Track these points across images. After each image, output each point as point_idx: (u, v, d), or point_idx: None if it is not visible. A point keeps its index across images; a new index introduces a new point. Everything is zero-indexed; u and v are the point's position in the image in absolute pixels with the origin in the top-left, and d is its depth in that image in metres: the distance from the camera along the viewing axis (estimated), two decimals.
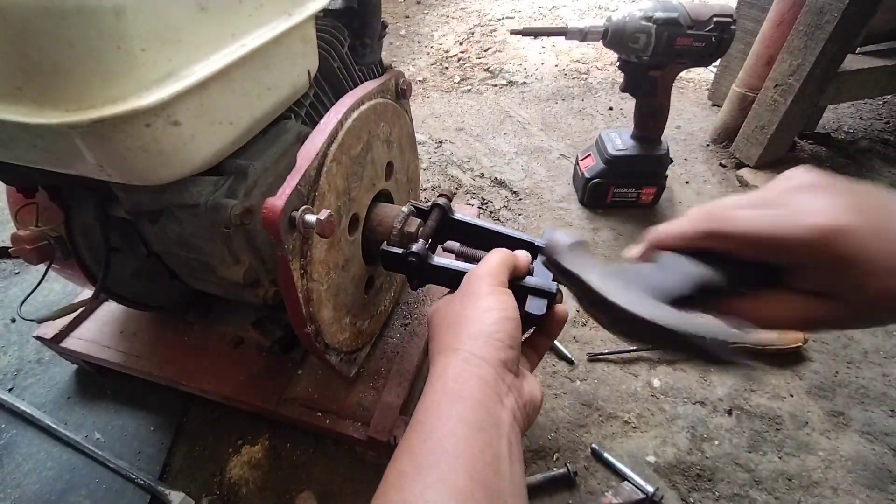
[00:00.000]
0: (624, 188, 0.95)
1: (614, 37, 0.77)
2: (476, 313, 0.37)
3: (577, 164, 1.01)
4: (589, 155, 0.99)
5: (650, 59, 0.78)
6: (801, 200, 0.26)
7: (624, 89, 0.87)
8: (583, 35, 0.79)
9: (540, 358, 0.44)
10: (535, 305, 0.43)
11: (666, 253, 0.31)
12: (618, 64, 0.85)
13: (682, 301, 0.28)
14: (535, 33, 0.82)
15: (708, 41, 0.75)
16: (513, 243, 0.50)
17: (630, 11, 0.76)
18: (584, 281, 0.30)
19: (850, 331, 0.75)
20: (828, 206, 0.25)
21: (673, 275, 0.30)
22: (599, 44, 0.80)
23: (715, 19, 0.74)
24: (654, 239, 0.32)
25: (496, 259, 0.41)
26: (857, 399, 0.67)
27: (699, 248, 0.29)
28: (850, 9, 0.84)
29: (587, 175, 0.96)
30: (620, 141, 0.93)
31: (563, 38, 0.81)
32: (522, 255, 0.43)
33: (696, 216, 0.29)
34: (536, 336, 0.45)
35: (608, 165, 0.93)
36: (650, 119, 0.90)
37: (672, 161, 0.96)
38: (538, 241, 0.49)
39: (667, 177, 0.95)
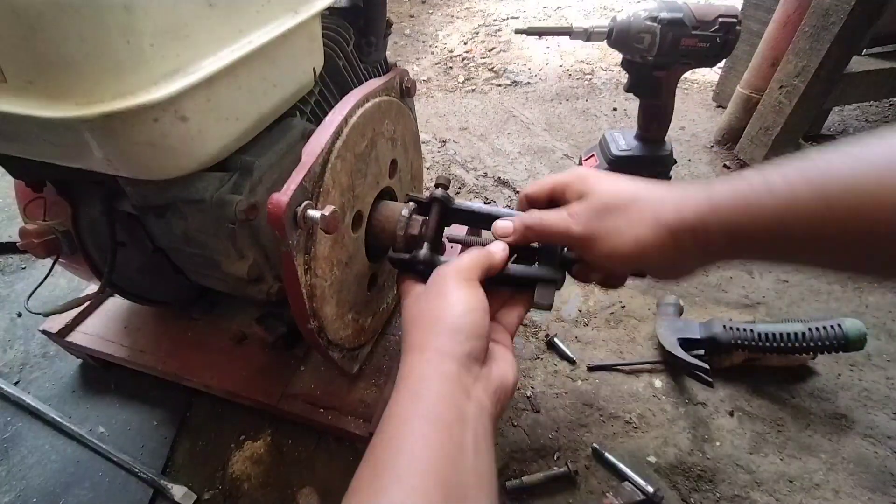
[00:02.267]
0: None
1: (619, 37, 0.77)
2: (440, 310, 0.38)
3: (580, 164, 1.01)
4: (592, 155, 0.99)
5: (655, 60, 0.78)
6: (575, 204, 0.40)
7: (628, 90, 0.87)
8: (587, 35, 0.79)
9: (513, 334, 0.45)
10: (542, 295, 0.43)
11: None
12: (622, 64, 0.85)
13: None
14: (540, 33, 0.82)
15: (713, 42, 0.75)
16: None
17: (635, 12, 0.76)
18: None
19: None
20: (586, 208, 0.39)
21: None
22: (604, 44, 0.80)
23: (720, 20, 0.74)
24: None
25: (466, 258, 0.41)
26: (860, 402, 0.67)
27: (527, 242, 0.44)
28: (856, 10, 0.83)
29: None
30: (624, 141, 0.93)
31: (567, 38, 0.81)
32: (497, 251, 0.43)
33: (518, 224, 0.43)
34: (505, 311, 0.45)
35: (611, 166, 0.93)
36: (654, 120, 0.89)
37: (676, 162, 0.96)
38: None
39: (671, 178, 0.95)
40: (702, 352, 0.69)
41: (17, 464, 0.63)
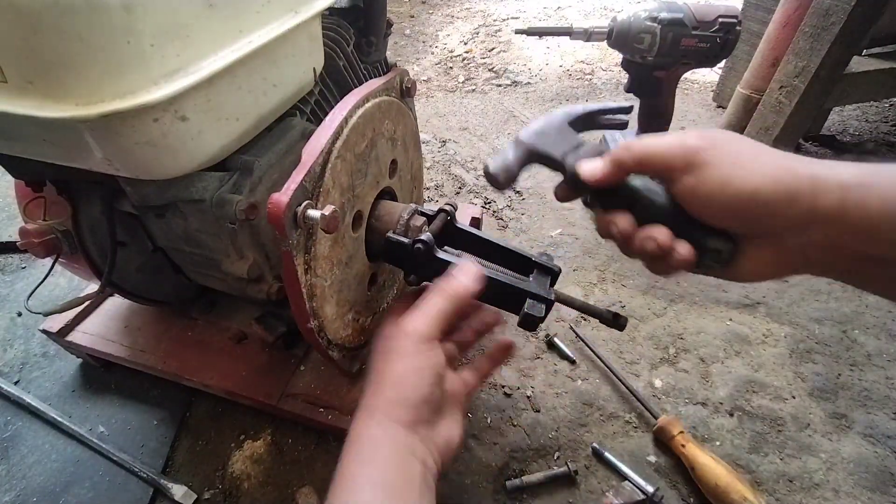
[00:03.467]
0: None
1: (619, 37, 0.77)
2: (394, 376, 0.39)
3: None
4: None
5: (655, 60, 0.78)
6: (682, 135, 0.33)
7: (628, 90, 0.87)
8: (587, 35, 0.79)
9: (479, 382, 0.47)
10: (534, 306, 0.43)
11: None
12: (622, 64, 0.85)
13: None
14: (540, 33, 0.82)
15: (713, 42, 0.75)
16: (510, 257, 0.50)
17: (635, 12, 0.76)
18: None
19: (853, 334, 0.75)
20: (692, 136, 0.33)
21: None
22: (604, 44, 0.80)
23: (720, 20, 0.74)
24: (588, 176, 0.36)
25: (433, 307, 0.41)
26: (860, 402, 0.67)
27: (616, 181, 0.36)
28: (856, 10, 0.83)
29: None
30: (624, 142, 0.93)
31: (567, 38, 0.81)
32: (462, 287, 0.42)
33: (609, 154, 0.36)
34: (481, 359, 0.48)
35: None
36: (654, 120, 0.89)
37: None
38: (535, 257, 0.49)
39: None
40: None
41: (17, 463, 0.63)
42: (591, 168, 0.36)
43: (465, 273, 0.42)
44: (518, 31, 0.82)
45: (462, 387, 0.44)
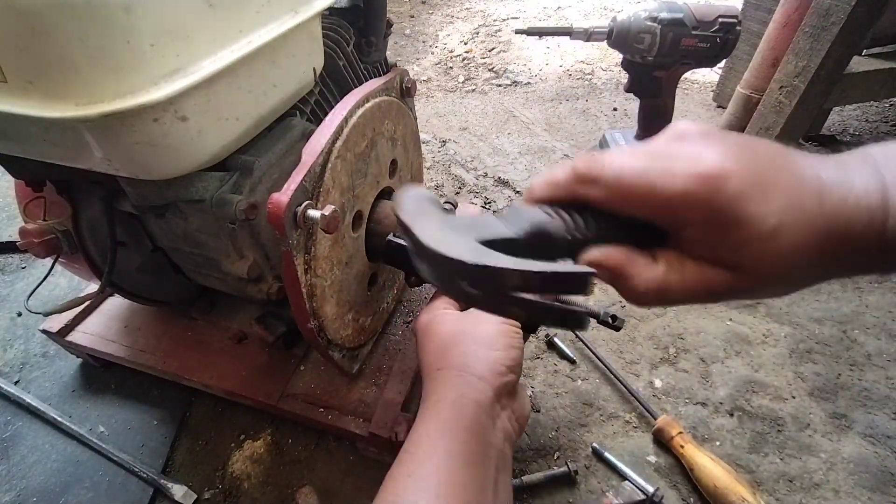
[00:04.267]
0: None
1: (619, 37, 0.77)
2: (484, 337, 0.38)
3: None
4: None
5: (655, 60, 0.78)
6: (686, 148, 0.23)
7: (628, 90, 0.87)
8: (587, 35, 0.79)
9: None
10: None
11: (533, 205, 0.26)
12: (622, 64, 0.85)
13: (508, 245, 0.24)
14: (540, 33, 0.82)
15: (713, 42, 0.75)
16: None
17: (635, 12, 0.76)
18: (409, 228, 0.26)
19: (853, 334, 0.75)
20: (712, 153, 0.21)
21: (511, 221, 0.25)
22: (604, 44, 0.80)
23: (720, 20, 0.74)
24: (530, 193, 0.27)
25: None
26: (860, 402, 0.67)
27: (576, 199, 0.25)
28: (856, 10, 0.83)
29: None
30: (624, 141, 0.93)
31: (567, 38, 0.81)
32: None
33: (573, 162, 0.25)
34: None
35: None
36: (654, 120, 0.90)
37: None
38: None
39: None
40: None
41: (17, 463, 0.63)
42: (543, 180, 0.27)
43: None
44: (518, 32, 0.82)
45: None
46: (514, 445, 0.37)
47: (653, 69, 0.81)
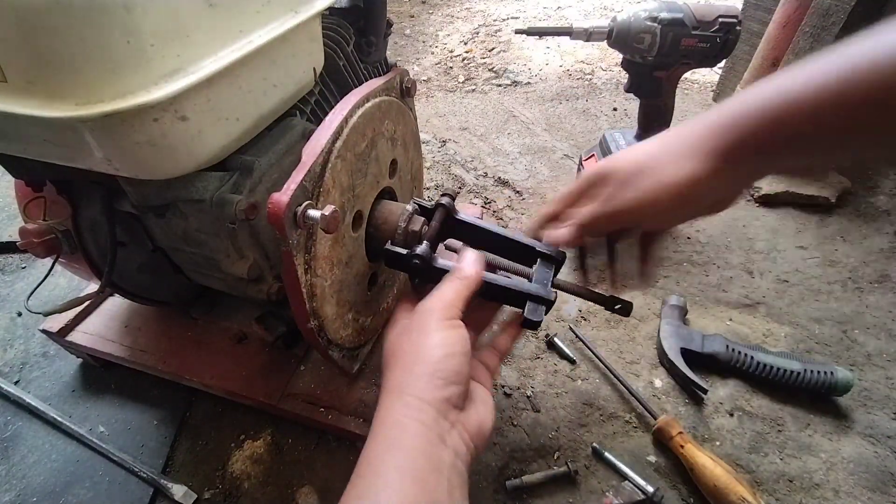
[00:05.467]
0: None
1: (619, 37, 0.77)
2: (421, 351, 0.37)
3: (580, 164, 1.01)
4: (593, 155, 0.98)
5: (655, 60, 0.78)
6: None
7: (628, 90, 0.87)
8: (587, 35, 0.79)
9: (501, 360, 0.46)
10: (534, 311, 0.43)
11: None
12: (622, 64, 0.85)
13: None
14: (540, 33, 0.82)
15: (713, 42, 0.75)
16: (513, 246, 0.50)
17: (635, 12, 0.76)
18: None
19: (853, 334, 0.75)
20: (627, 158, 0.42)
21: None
22: (604, 44, 0.80)
23: (720, 20, 0.74)
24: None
25: (450, 290, 0.41)
26: (860, 401, 0.67)
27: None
28: (856, 10, 0.83)
29: None
30: (624, 141, 0.93)
31: (567, 38, 0.81)
32: (470, 273, 0.42)
33: (573, 229, 0.45)
34: (498, 338, 0.46)
35: None
36: (654, 120, 0.89)
37: None
38: (539, 246, 0.49)
39: None
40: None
41: (18, 463, 0.63)
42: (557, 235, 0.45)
43: (468, 262, 0.43)
44: (518, 31, 0.82)
45: (485, 369, 0.43)
46: (471, 461, 0.36)
47: (653, 69, 0.81)
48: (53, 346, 0.76)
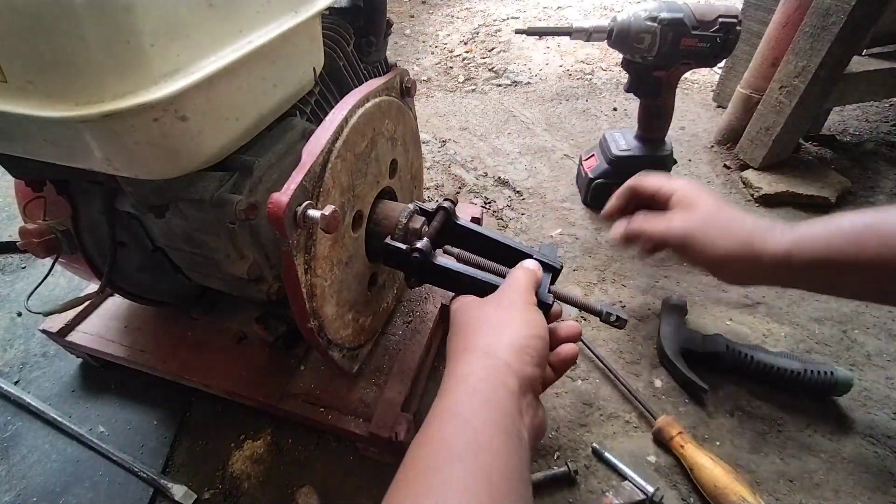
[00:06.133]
0: None
1: (619, 37, 0.77)
2: (513, 324, 0.36)
3: (580, 164, 1.01)
4: (592, 155, 0.98)
5: (655, 60, 0.78)
6: (678, 214, 0.55)
7: (628, 90, 0.86)
8: (587, 35, 0.79)
9: (544, 389, 0.43)
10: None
11: None
12: (622, 64, 0.84)
13: None
14: (540, 33, 0.82)
15: (713, 42, 0.75)
16: (511, 253, 0.50)
17: (635, 12, 0.76)
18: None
19: (853, 334, 0.75)
20: (688, 219, 0.53)
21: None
22: (604, 44, 0.80)
23: (720, 20, 0.74)
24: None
25: (528, 277, 0.42)
26: (860, 401, 0.67)
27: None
28: (856, 10, 0.83)
29: (591, 175, 0.95)
30: (624, 141, 0.93)
31: (567, 38, 0.81)
32: (535, 267, 0.45)
33: (628, 230, 0.59)
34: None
35: (611, 166, 0.92)
36: (654, 120, 0.89)
37: (676, 162, 0.95)
38: (536, 254, 0.49)
39: None
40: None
41: (17, 463, 0.63)
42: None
43: (529, 262, 0.46)
44: (518, 31, 0.82)
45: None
46: (531, 453, 0.34)
47: (653, 69, 0.81)
48: (53, 346, 0.76)
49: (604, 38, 0.78)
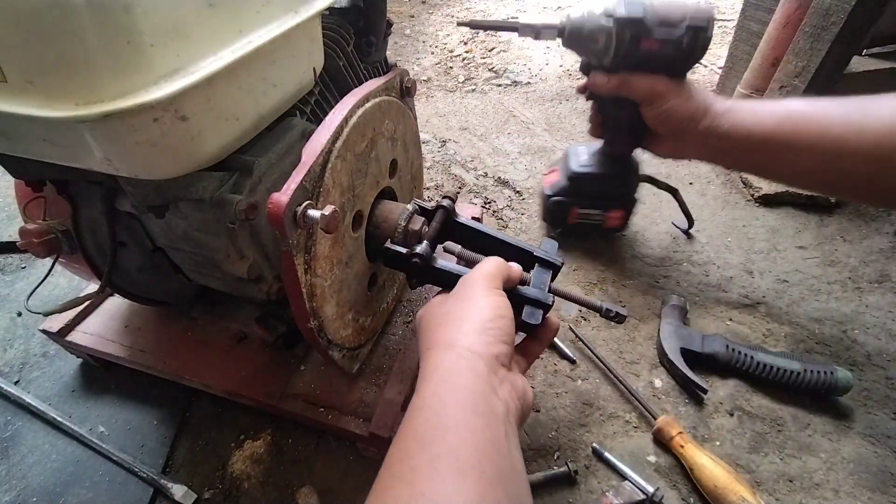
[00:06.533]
0: (588, 209, 0.84)
1: (572, 36, 0.68)
2: (470, 312, 0.38)
3: (544, 177, 0.90)
4: (554, 170, 0.88)
5: (612, 63, 0.66)
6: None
7: (589, 97, 0.77)
8: (536, 32, 0.70)
9: (530, 363, 0.46)
10: (531, 314, 0.43)
11: None
12: (580, 68, 0.75)
13: None
14: (484, 27, 0.74)
15: (678, 46, 0.63)
16: (512, 251, 0.50)
17: (590, 8, 0.65)
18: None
19: (853, 334, 0.75)
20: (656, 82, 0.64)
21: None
22: None
23: (687, 24, 0.62)
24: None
25: (491, 265, 0.43)
26: (860, 401, 0.67)
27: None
28: (856, 10, 0.83)
29: (547, 192, 0.85)
30: (586, 157, 0.82)
31: (516, 34, 0.71)
32: (515, 267, 0.45)
33: (616, 79, 0.68)
34: (528, 342, 0.47)
35: (570, 183, 0.82)
36: (617, 133, 0.77)
37: (644, 180, 0.85)
38: (536, 251, 0.49)
39: (636, 200, 0.84)
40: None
41: (17, 463, 0.63)
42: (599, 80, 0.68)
43: (514, 264, 0.46)
44: (461, 24, 0.73)
45: (521, 358, 0.44)
46: (519, 424, 0.35)
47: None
48: (53, 346, 0.76)
49: (554, 36, 0.69)
